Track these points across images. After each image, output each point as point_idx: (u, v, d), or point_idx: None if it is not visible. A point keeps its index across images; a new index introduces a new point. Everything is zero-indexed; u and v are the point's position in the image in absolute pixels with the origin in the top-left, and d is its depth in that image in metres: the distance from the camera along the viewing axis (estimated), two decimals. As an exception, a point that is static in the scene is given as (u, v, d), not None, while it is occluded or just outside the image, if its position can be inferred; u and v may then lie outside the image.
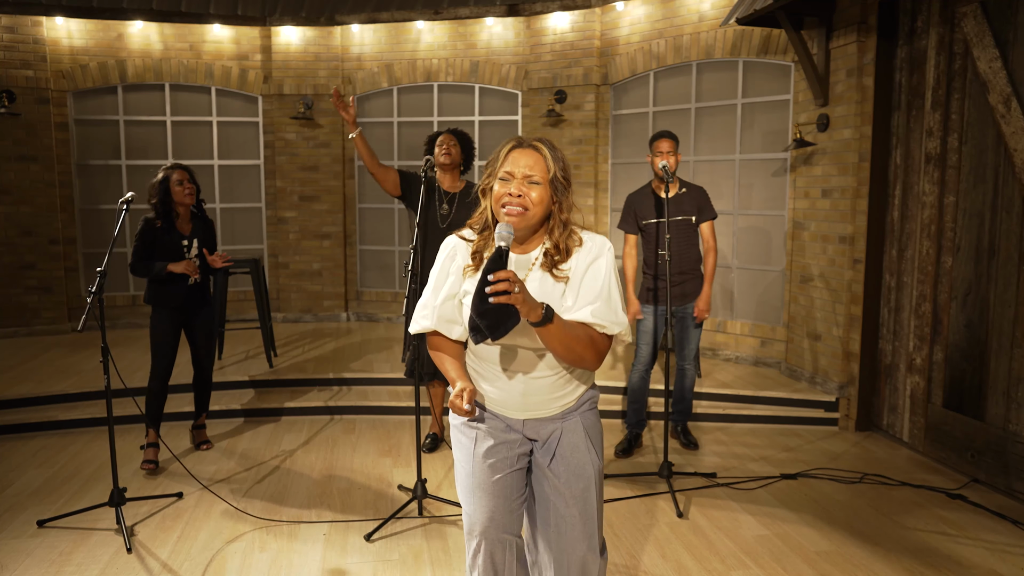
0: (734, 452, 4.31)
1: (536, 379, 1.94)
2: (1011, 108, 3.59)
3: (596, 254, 1.92)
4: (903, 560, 3.05)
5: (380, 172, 4.02)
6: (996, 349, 3.73)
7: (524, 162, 1.88)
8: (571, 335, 1.83)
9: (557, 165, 1.90)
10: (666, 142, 4.01)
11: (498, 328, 1.71)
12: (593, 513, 2.02)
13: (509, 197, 1.86)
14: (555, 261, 1.91)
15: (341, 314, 7.45)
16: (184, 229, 4.07)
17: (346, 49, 7.23)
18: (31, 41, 6.63)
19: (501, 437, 2.02)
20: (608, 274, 1.91)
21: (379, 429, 4.75)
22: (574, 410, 2.02)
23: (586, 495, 2.00)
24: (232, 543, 3.20)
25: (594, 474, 2.02)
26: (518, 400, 1.96)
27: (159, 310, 4.07)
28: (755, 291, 5.75)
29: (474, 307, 1.70)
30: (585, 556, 2.02)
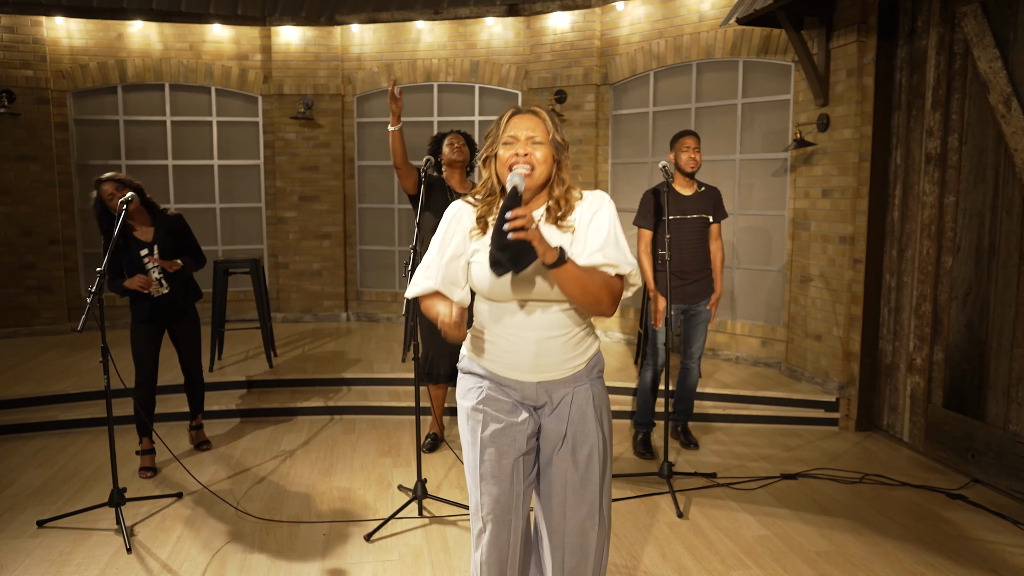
0: (734, 452, 4.31)
1: (549, 339, 1.98)
2: (1011, 108, 3.59)
3: (598, 206, 2.01)
4: (903, 560, 3.04)
5: (406, 169, 4.00)
6: (996, 349, 3.73)
7: (525, 125, 1.97)
8: (586, 276, 1.89)
9: (555, 127, 2.01)
10: (692, 139, 4.05)
11: (518, 260, 1.77)
12: (596, 480, 2.04)
13: (516, 157, 1.95)
14: (559, 216, 2.00)
15: (341, 314, 7.45)
16: (145, 236, 3.92)
17: (346, 49, 7.23)
18: (31, 41, 6.63)
19: (508, 420, 2.03)
20: (612, 221, 1.99)
21: (379, 429, 4.75)
22: (584, 375, 2.05)
23: (590, 461, 2.03)
24: (232, 543, 3.20)
25: (599, 443, 2.05)
26: (531, 361, 1.99)
27: (134, 323, 3.97)
28: (755, 291, 5.75)
29: (494, 242, 1.78)
30: (584, 522, 2.04)
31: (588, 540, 2.07)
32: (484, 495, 2.05)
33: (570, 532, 2.05)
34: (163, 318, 4.01)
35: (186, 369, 4.23)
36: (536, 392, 2.03)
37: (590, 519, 2.05)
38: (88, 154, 7.04)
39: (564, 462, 2.03)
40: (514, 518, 2.05)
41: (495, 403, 2.03)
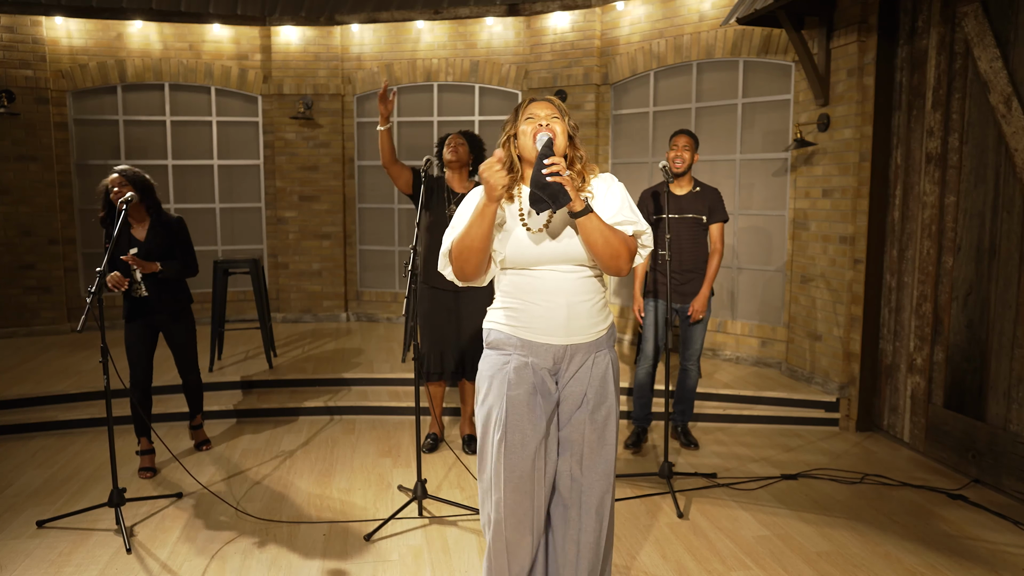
0: (734, 452, 4.30)
1: (578, 303, 2.14)
2: (1012, 108, 3.58)
3: (610, 183, 2.24)
4: (903, 560, 3.04)
5: (396, 168, 4.01)
6: (997, 349, 3.72)
7: (543, 107, 2.20)
8: (610, 228, 2.09)
9: (566, 115, 2.23)
10: (683, 138, 4.07)
11: (557, 198, 1.98)
12: (612, 440, 2.21)
13: (539, 127, 2.14)
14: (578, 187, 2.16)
15: (341, 314, 7.44)
16: (139, 235, 3.88)
17: (346, 49, 7.22)
18: (30, 41, 6.63)
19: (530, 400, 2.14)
20: (625, 194, 2.24)
21: (379, 429, 4.74)
22: (605, 341, 2.22)
23: (607, 422, 2.20)
24: (232, 543, 3.20)
25: (615, 406, 2.22)
26: (563, 325, 2.13)
27: (126, 322, 3.95)
28: (756, 291, 5.74)
29: (534, 182, 2.00)
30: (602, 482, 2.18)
31: (604, 503, 2.19)
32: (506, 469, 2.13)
33: (587, 490, 2.17)
34: (151, 319, 3.96)
35: (180, 372, 4.21)
36: (564, 355, 2.16)
37: (606, 479, 2.19)
38: (88, 154, 7.03)
39: (582, 421, 2.17)
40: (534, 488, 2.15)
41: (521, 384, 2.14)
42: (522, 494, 2.13)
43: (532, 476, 2.13)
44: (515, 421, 2.12)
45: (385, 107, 3.75)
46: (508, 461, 2.12)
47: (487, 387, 2.19)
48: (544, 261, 2.12)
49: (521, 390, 2.13)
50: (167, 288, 3.97)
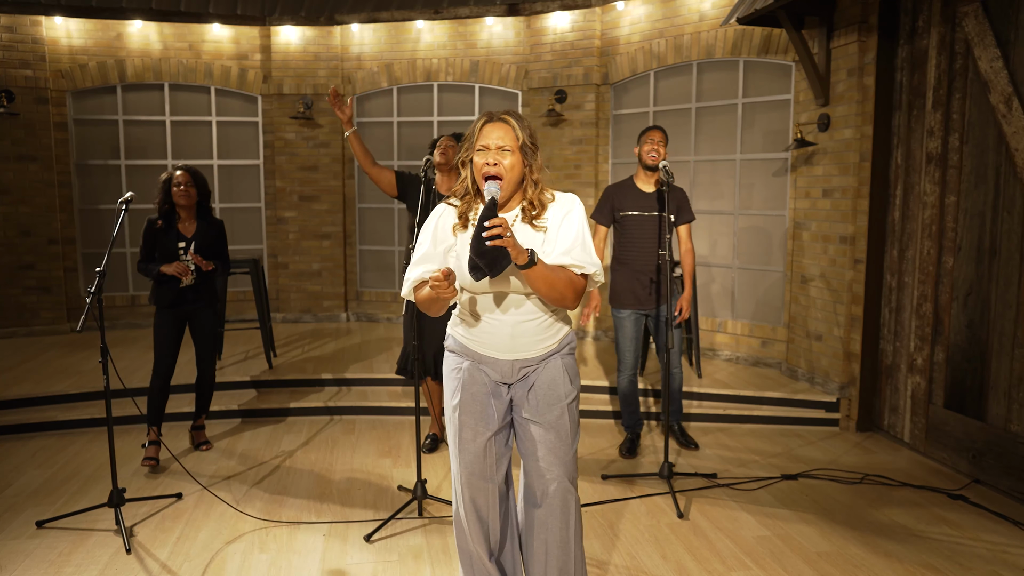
0: (734, 453, 4.30)
1: (523, 322, 2.20)
2: (1012, 108, 3.58)
3: (568, 208, 2.22)
4: (904, 561, 3.04)
5: (375, 171, 4.02)
6: (997, 349, 3.72)
7: (496, 134, 2.15)
8: (553, 275, 2.10)
9: (524, 133, 2.17)
10: (658, 132, 4.01)
11: (495, 266, 2.00)
12: (568, 438, 2.25)
13: (487, 167, 2.14)
14: (533, 215, 2.20)
15: (341, 314, 7.44)
16: (187, 231, 4.10)
17: (346, 49, 7.22)
18: (30, 41, 6.62)
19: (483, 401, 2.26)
20: (581, 223, 2.20)
21: (379, 429, 4.74)
22: (555, 352, 2.27)
23: (560, 423, 2.24)
24: (231, 544, 3.20)
25: (568, 406, 2.26)
26: (507, 343, 2.21)
27: (158, 310, 4.10)
28: (756, 291, 5.74)
29: (473, 249, 1.99)
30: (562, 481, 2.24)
31: (568, 501, 2.26)
32: (461, 466, 2.29)
33: (550, 491, 2.25)
34: (186, 307, 4.12)
35: (201, 364, 4.28)
36: (511, 369, 2.24)
37: (566, 478, 2.25)
38: (87, 154, 7.03)
39: (537, 424, 2.24)
40: (489, 485, 2.28)
41: (473, 385, 2.26)
42: (475, 489, 2.28)
43: (483, 471, 2.27)
44: (466, 419, 2.26)
45: (342, 112, 3.75)
46: (462, 456, 2.27)
47: (449, 387, 2.32)
48: (490, 289, 2.18)
49: (474, 390, 2.26)
50: (210, 282, 4.22)
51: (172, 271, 3.96)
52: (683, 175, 5.96)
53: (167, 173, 4.07)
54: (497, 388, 2.27)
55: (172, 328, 4.10)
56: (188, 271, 4.01)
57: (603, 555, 3.08)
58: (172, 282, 4.05)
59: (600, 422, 4.83)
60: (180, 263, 3.99)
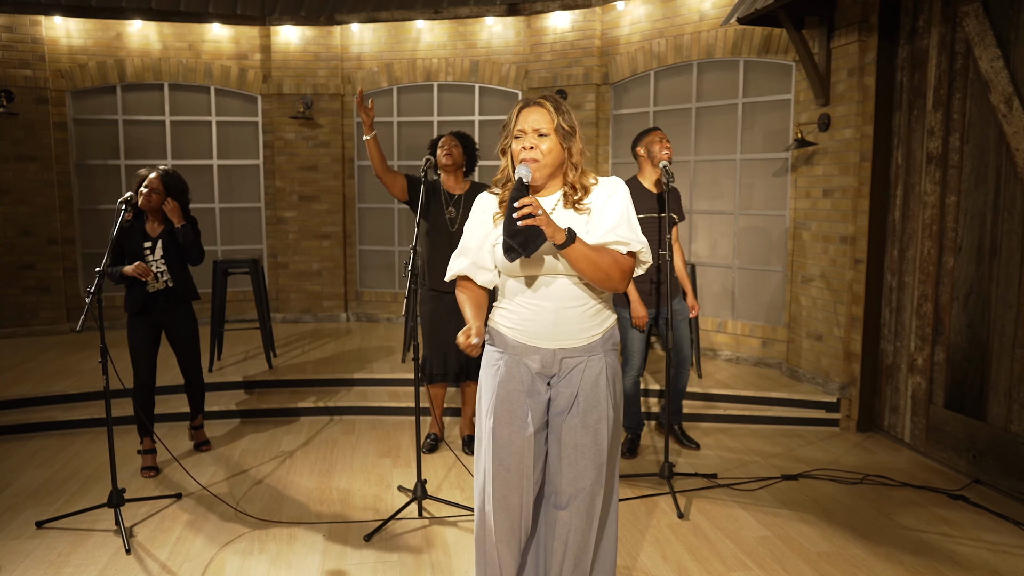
0: (735, 453, 4.30)
1: (566, 309, 2.14)
2: (1013, 108, 3.58)
3: (612, 190, 2.18)
4: (904, 561, 3.03)
5: (388, 177, 3.99)
6: (998, 349, 3.72)
7: (532, 118, 2.13)
8: (596, 254, 2.06)
9: (561, 116, 2.14)
10: (661, 132, 4.00)
11: (528, 245, 1.97)
12: (604, 446, 2.17)
13: (524, 151, 2.13)
14: (575, 199, 2.17)
15: (341, 314, 7.44)
16: (153, 231, 3.96)
17: (346, 48, 7.22)
18: (29, 40, 6.62)
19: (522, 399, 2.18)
20: (625, 204, 2.16)
21: (379, 430, 4.74)
22: (599, 345, 2.19)
23: (598, 427, 2.16)
24: (231, 544, 3.19)
25: (608, 412, 2.17)
26: (550, 330, 2.14)
27: (129, 316, 3.95)
28: (756, 291, 5.74)
29: (505, 230, 1.97)
30: (594, 486, 2.17)
31: (595, 505, 2.18)
32: (495, 463, 2.18)
33: (577, 492, 2.17)
34: (157, 316, 3.98)
35: (183, 372, 4.20)
36: (553, 359, 2.17)
37: (598, 483, 2.17)
38: (87, 154, 7.02)
39: (574, 426, 2.16)
40: (521, 480, 2.18)
41: (510, 382, 2.18)
42: (510, 488, 2.18)
43: (520, 471, 2.17)
44: (503, 417, 2.18)
45: (366, 115, 3.73)
46: (496, 455, 2.18)
47: (484, 383, 2.26)
48: (532, 271, 2.14)
49: (511, 387, 2.18)
50: (183, 283, 4.03)
51: (130, 271, 3.72)
52: (683, 175, 5.96)
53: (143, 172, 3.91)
54: (535, 385, 2.18)
55: (145, 335, 3.93)
56: (150, 272, 3.78)
57: (603, 555, 3.08)
58: (139, 285, 3.87)
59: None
60: (141, 264, 3.76)
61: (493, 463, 2.18)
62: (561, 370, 2.18)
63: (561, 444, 2.18)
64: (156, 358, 4.03)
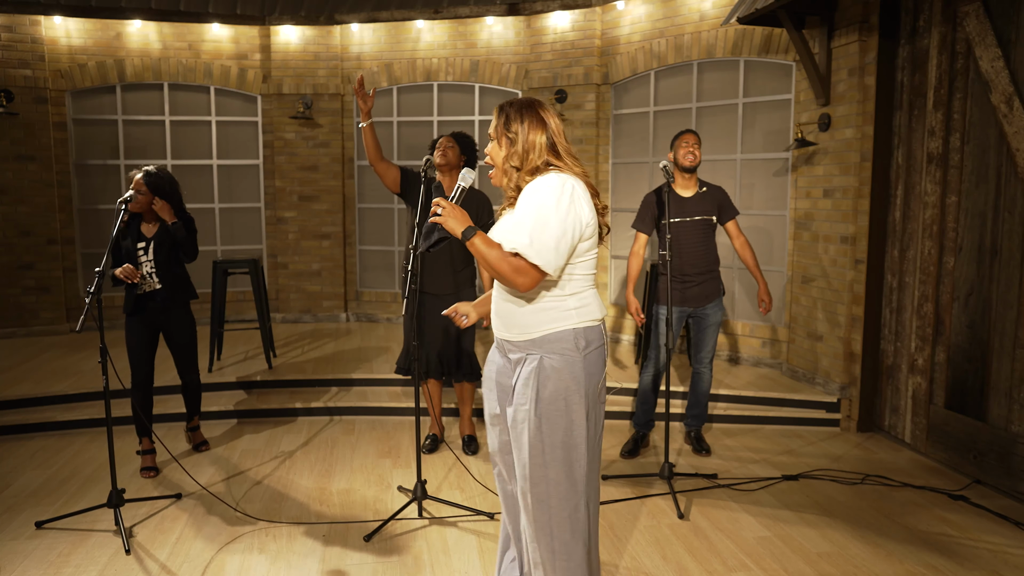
0: (735, 453, 4.29)
1: (504, 301, 2.23)
2: (1013, 108, 3.57)
3: (535, 189, 2.12)
4: (905, 562, 3.03)
5: (382, 166, 3.99)
6: (998, 350, 3.71)
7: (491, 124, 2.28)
8: (487, 252, 2.10)
9: (500, 121, 2.23)
10: (691, 136, 4.02)
11: (428, 237, 2.21)
12: (524, 447, 2.14)
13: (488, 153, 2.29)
14: (511, 200, 2.23)
15: (340, 315, 7.43)
16: (148, 232, 3.93)
17: (345, 48, 7.21)
18: (29, 40, 6.61)
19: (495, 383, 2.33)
20: (533, 205, 2.08)
21: (378, 430, 4.73)
22: (537, 346, 2.15)
23: (521, 427, 2.16)
24: (231, 545, 3.19)
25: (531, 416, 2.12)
26: (494, 319, 2.29)
27: (126, 317, 3.94)
28: (756, 291, 5.73)
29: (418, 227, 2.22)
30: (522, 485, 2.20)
31: (527, 503, 2.17)
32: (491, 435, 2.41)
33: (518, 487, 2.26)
34: (153, 317, 3.96)
35: (180, 373, 4.19)
36: (502, 349, 2.29)
37: (526, 482, 2.17)
38: (87, 154, 7.02)
39: (509, 418, 2.24)
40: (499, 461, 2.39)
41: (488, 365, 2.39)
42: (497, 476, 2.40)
43: (500, 458, 2.36)
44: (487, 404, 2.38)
45: (364, 102, 3.71)
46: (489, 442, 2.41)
47: None
48: None
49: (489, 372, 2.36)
50: (176, 283, 3.99)
51: (119, 274, 3.65)
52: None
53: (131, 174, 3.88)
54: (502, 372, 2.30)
55: (142, 335, 3.92)
56: (137, 274, 3.70)
57: (603, 556, 3.07)
58: (132, 286, 3.86)
59: (616, 423, 4.80)
60: (128, 266, 3.67)
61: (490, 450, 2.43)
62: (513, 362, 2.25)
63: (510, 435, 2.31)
64: (153, 358, 4.01)
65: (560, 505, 2.15)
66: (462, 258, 4.09)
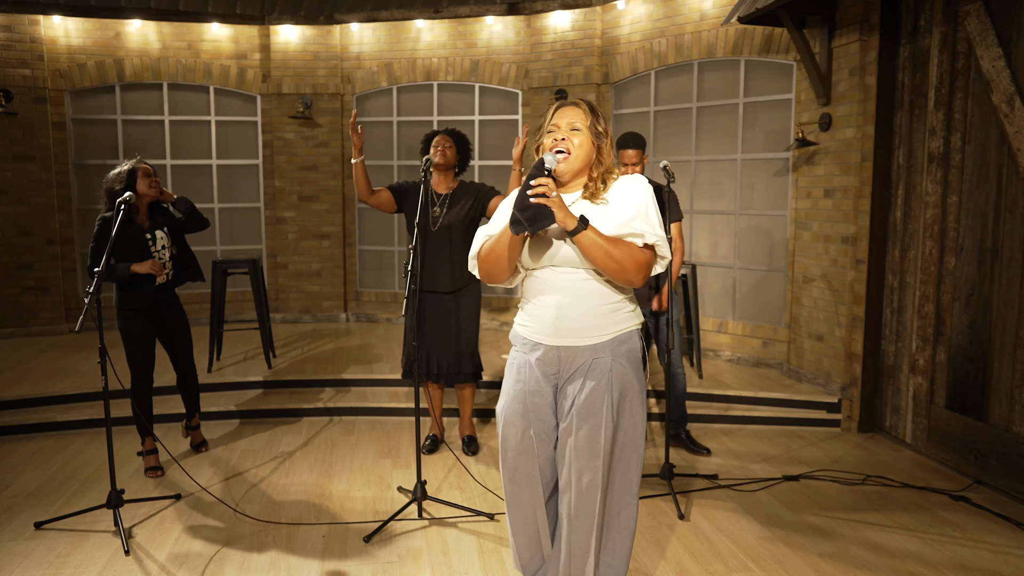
0: (736, 453, 4.29)
1: (569, 304, 2.11)
2: (1014, 107, 3.57)
3: (633, 184, 2.16)
4: (906, 562, 3.02)
5: (373, 200, 3.96)
6: (999, 350, 3.71)
7: (567, 116, 2.18)
8: (609, 243, 2.04)
9: (595, 117, 2.18)
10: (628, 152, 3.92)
11: (535, 221, 1.98)
12: (600, 451, 2.11)
13: (555, 142, 2.16)
14: (593, 191, 2.16)
15: (340, 315, 7.42)
16: (143, 224, 3.91)
17: (345, 48, 7.20)
18: (28, 40, 6.60)
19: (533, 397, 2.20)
20: (645, 197, 2.13)
21: (378, 430, 4.72)
22: (607, 349, 2.13)
23: (594, 433, 2.11)
24: (230, 545, 3.18)
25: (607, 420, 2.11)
26: (550, 326, 2.13)
27: (128, 314, 3.86)
28: (757, 292, 5.73)
29: (516, 203, 1.99)
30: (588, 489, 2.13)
31: (591, 507, 2.14)
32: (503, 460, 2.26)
33: (579, 496, 2.15)
34: (161, 308, 3.96)
35: (182, 368, 4.18)
36: (557, 357, 2.15)
37: (592, 487, 2.13)
38: (86, 154, 7.01)
39: (571, 428, 2.15)
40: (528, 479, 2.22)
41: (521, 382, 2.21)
42: (518, 485, 2.24)
43: (527, 470, 2.21)
44: (511, 416, 2.23)
45: (357, 138, 3.70)
46: (504, 454, 2.25)
47: (504, 384, 2.30)
48: (541, 263, 2.15)
49: (520, 387, 2.21)
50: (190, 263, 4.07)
51: (146, 269, 3.69)
52: (684, 175, 5.95)
53: (129, 164, 3.82)
54: (540, 386, 2.18)
55: (148, 333, 3.89)
56: (162, 268, 3.78)
57: (604, 557, 3.07)
58: (144, 283, 3.82)
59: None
60: (154, 261, 3.73)
61: (503, 461, 2.27)
62: (562, 370, 2.17)
63: (564, 447, 2.18)
64: (155, 356, 4.04)
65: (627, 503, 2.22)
66: (461, 255, 4.09)
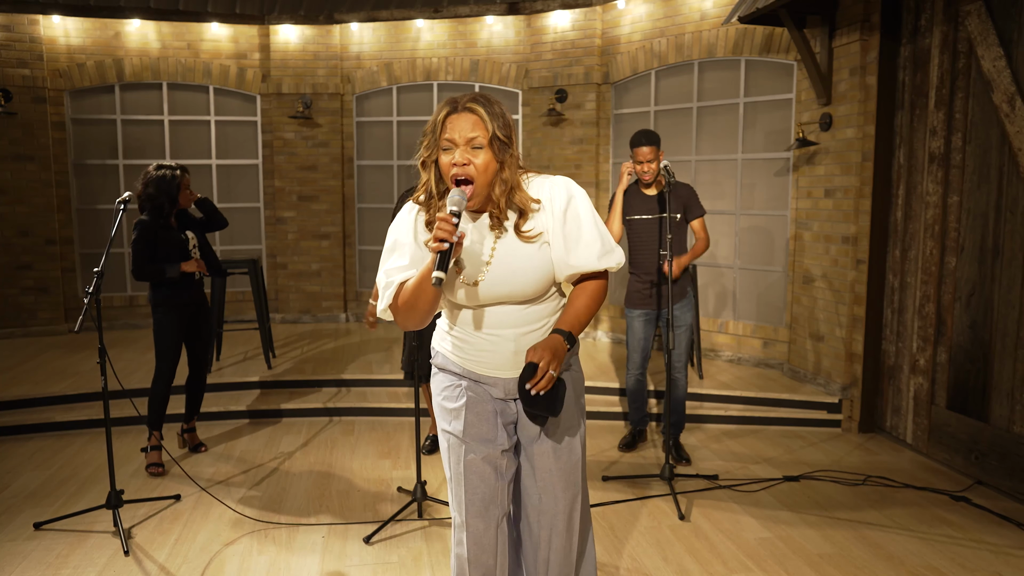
0: (736, 454, 4.28)
1: (526, 333, 1.95)
2: (1015, 107, 3.56)
3: (563, 202, 1.90)
4: (906, 563, 3.02)
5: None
6: (1000, 350, 3.70)
7: (463, 127, 1.82)
8: (588, 311, 1.92)
9: (496, 123, 1.83)
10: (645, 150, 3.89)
11: (554, 405, 1.85)
12: (576, 459, 2.06)
13: (456, 168, 1.83)
14: (517, 224, 1.89)
15: (340, 315, 7.42)
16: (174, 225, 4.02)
17: (345, 48, 7.20)
18: (27, 39, 6.59)
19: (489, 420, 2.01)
20: (588, 212, 1.92)
21: (378, 431, 4.72)
22: None
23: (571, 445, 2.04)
24: (230, 546, 3.17)
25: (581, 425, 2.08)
26: (511, 359, 1.96)
27: (167, 312, 3.94)
28: (757, 292, 5.72)
29: (525, 401, 1.84)
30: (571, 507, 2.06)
31: (573, 524, 2.09)
32: (467, 491, 1.99)
33: (556, 514, 2.05)
34: (195, 305, 4.09)
35: (198, 367, 4.23)
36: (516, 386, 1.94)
37: (575, 503, 2.07)
38: (85, 153, 7.00)
39: (545, 451, 2.02)
40: (498, 512, 2.01)
41: (476, 404, 2.00)
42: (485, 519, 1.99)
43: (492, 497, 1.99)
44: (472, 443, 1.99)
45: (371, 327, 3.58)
46: (468, 481, 1.98)
47: (445, 405, 2.05)
48: (488, 302, 1.93)
49: (478, 409, 1.99)
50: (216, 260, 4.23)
51: (193, 268, 3.96)
52: (684, 175, 5.94)
53: (167, 172, 3.88)
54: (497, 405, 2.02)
55: (180, 329, 4.02)
56: (203, 264, 4.05)
57: (604, 557, 3.06)
58: (186, 280, 3.99)
59: (603, 423, 4.81)
60: (199, 260, 4.04)
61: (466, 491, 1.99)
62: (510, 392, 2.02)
63: (535, 469, 2.03)
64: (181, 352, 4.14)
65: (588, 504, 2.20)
66: None
